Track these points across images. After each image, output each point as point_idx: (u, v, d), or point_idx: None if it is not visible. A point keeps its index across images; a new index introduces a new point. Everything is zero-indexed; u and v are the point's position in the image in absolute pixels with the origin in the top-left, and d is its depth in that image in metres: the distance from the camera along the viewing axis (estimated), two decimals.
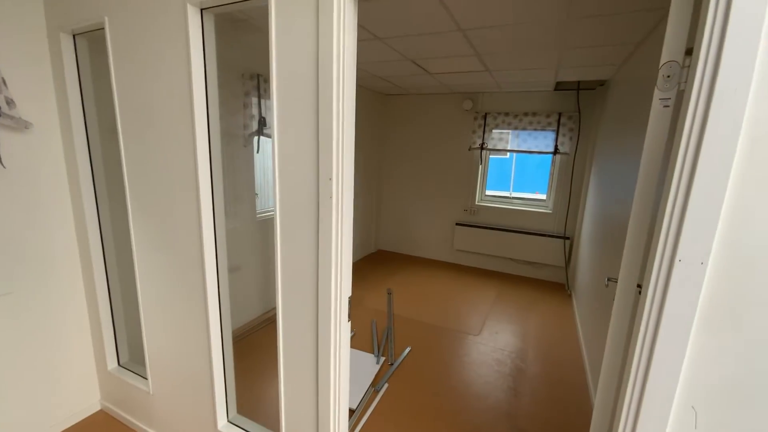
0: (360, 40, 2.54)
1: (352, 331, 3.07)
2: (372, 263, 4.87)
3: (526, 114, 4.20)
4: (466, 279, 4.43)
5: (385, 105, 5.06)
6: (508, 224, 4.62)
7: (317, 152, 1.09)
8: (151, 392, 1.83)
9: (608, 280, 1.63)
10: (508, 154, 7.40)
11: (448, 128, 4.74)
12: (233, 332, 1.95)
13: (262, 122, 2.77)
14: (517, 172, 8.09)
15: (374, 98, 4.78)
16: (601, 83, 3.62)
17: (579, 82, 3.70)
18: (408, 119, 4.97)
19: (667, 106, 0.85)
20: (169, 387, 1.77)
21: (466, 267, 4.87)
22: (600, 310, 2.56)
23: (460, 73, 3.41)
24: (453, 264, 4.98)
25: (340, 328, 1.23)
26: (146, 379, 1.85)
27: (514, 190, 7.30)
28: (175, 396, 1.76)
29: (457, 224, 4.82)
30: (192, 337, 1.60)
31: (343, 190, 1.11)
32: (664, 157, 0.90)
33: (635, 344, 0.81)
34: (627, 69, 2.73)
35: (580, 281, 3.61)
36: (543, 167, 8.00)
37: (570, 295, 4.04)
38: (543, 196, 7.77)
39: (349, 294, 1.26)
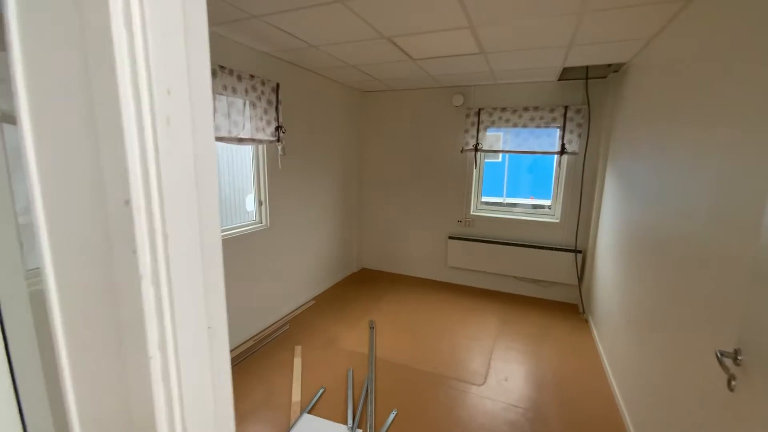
0: (320, 4, 1.89)
1: (321, 387, 2.37)
2: (353, 285, 4.18)
3: (526, 109, 3.61)
4: (463, 302, 3.77)
5: (363, 103, 4.43)
6: (508, 237, 4.00)
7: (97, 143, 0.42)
8: None
9: (721, 354, 0.99)
10: (501, 156, 6.78)
11: (436, 128, 4.12)
12: None
13: None
14: (511, 175, 7.50)
15: (350, 95, 4.14)
16: (616, 69, 3.05)
17: (587, 69, 3.12)
18: (390, 119, 4.34)
19: None
20: None
21: (463, 287, 4.22)
22: (638, 343, 1.92)
23: (449, 57, 2.79)
24: (447, 284, 4.32)
25: None
26: None
27: (507, 196, 6.72)
28: None
29: (450, 238, 4.18)
30: None
31: (168, 230, 0.44)
32: None
33: None
34: (657, 46, 2.15)
35: (601, 303, 2.99)
36: (539, 169, 7.44)
37: (587, 320, 3.41)
38: (544, 202, 7.22)
39: None
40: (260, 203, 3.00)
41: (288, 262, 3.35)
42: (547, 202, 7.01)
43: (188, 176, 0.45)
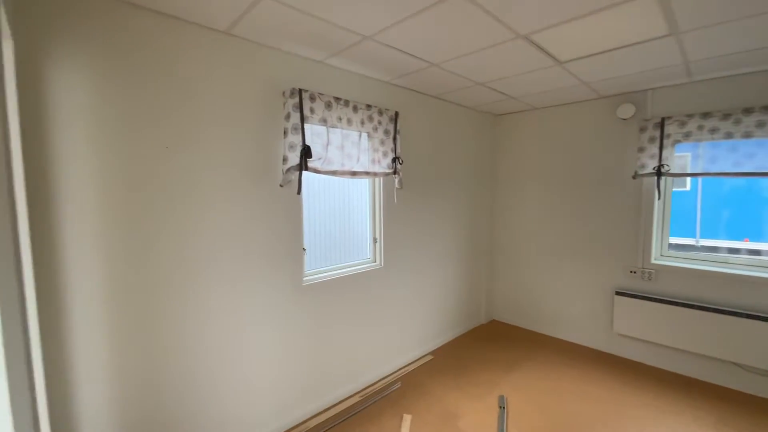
0: (430, 6, 1.57)
1: None
2: (480, 342, 3.48)
3: (748, 111, 2.42)
4: (636, 390, 2.61)
5: (495, 128, 3.89)
6: (719, 299, 2.67)
7: None
8: None
9: None
10: (689, 183, 5.27)
11: (595, 150, 3.22)
12: None
13: (307, 152, 2.01)
14: (705, 208, 5.53)
15: (479, 120, 3.68)
16: None
17: None
18: (530, 144, 3.65)
19: None
20: None
21: (637, 365, 3.00)
22: None
23: (616, 51, 2.05)
24: (611, 356, 3.16)
25: None
26: None
27: (701, 237, 4.88)
28: None
29: (617, 293, 3.08)
30: None
31: None
32: None
33: None
34: None
35: None
36: (753, 199, 5.26)
37: None
38: (766, 246, 4.95)
39: None
40: (375, 240, 2.76)
41: (403, 308, 2.98)
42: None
43: None
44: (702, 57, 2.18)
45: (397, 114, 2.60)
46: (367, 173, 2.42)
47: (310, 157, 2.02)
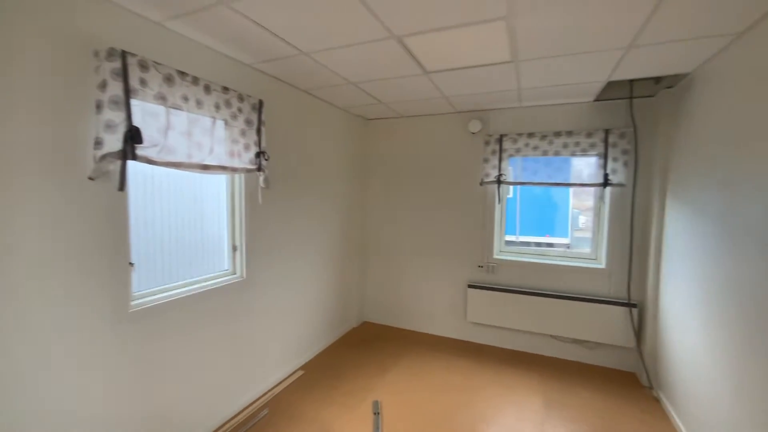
0: None
1: None
2: (353, 347, 3.41)
3: (558, 134, 3.06)
4: (493, 372, 2.99)
5: (366, 132, 3.93)
6: (541, 285, 3.29)
7: None
8: None
9: None
10: (511, 191, 6.33)
11: (451, 159, 3.57)
12: None
13: (133, 135, 1.51)
14: (522, 211, 6.85)
15: (351, 122, 3.64)
16: (670, 85, 2.52)
17: (632, 86, 2.61)
18: (398, 149, 3.81)
19: None
20: None
21: (489, 348, 3.44)
22: None
23: (471, 69, 2.27)
24: (467, 343, 3.54)
25: None
26: None
27: (520, 234, 6.03)
28: None
29: (470, 286, 3.48)
30: None
31: None
32: None
33: None
34: (742, 49, 1.59)
35: (683, 380, 2.22)
36: (552, 203, 6.80)
37: (658, 399, 2.61)
38: (561, 240, 6.48)
39: None
40: (234, 248, 2.36)
41: (271, 322, 2.64)
42: (564, 241, 6.31)
43: None
44: (529, 86, 2.62)
45: (261, 103, 2.28)
46: (224, 168, 2.03)
47: (140, 142, 1.53)
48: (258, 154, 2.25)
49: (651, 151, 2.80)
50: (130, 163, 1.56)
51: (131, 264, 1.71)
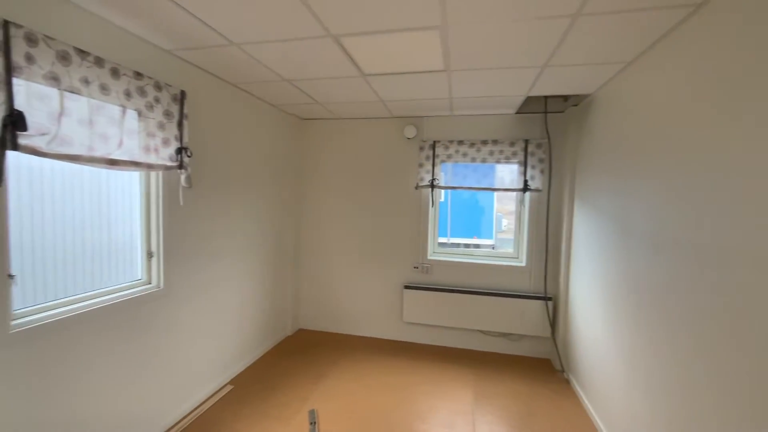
0: None
1: None
2: (288, 356, 3.27)
3: (485, 142, 3.29)
4: (423, 369, 3.08)
5: (302, 132, 3.82)
6: (470, 284, 3.50)
7: None
8: None
9: None
10: (443, 195, 6.61)
11: (387, 163, 3.63)
12: None
13: (15, 121, 1.26)
14: (459, 214, 7.31)
15: (285, 121, 3.51)
16: (575, 103, 2.88)
17: (546, 102, 2.92)
18: (334, 151, 3.76)
19: None
20: None
21: (422, 347, 3.55)
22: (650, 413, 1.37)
23: (407, 75, 2.34)
24: (403, 343, 3.61)
25: None
26: None
27: (451, 236, 6.39)
28: None
29: (406, 287, 3.56)
30: None
31: None
32: None
33: None
34: (634, 75, 1.91)
35: (586, 361, 2.53)
36: (479, 207, 7.33)
37: (568, 380, 2.93)
38: (486, 241, 6.99)
39: None
40: (150, 255, 2.10)
41: (195, 334, 2.41)
42: (489, 242, 6.83)
43: None
44: (460, 96, 2.78)
45: (183, 94, 2.08)
46: (137, 164, 1.80)
47: (24, 129, 1.29)
48: (179, 150, 2.05)
49: (562, 160, 3.15)
50: (11, 154, 1.30)
51: (11, 276, 1.42)
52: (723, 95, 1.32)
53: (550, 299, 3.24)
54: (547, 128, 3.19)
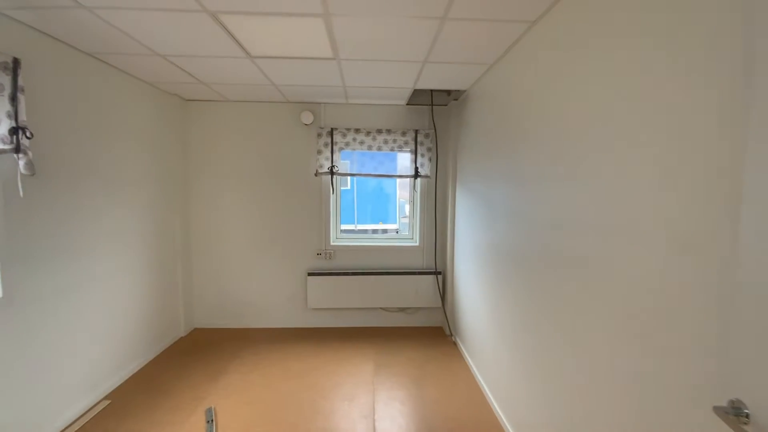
0: None
1: None
2: (182, 357, 3.02)
3: (380, 131, 3.47)
4: (331, 352, 3.18)
5: (186, 114, 3.47)
6: (372, 265, 3.70)
7: None
8: None
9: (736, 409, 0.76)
10: (350, 183, 6.74)
11: (285, 148, 3.55)
12: None
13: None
14: (359, 202, 7.57)
15: (164, 101, 3.14)
16: (456, 98, 3.23)
17: (432, 95, 3.22)
18: (224, 136, 3.52)
19: None
20: None
21: (327, 330, 3.64)
22: (513, 359, 1.77)
23: (299, 60, 2.32)
24: (308, 330, 3.66)
25: None
26: None
27: (358, 223, 6.62)
28: None
29: (309, 274, 3.58)
30: None
31: None
32: None
33: None
34: (491, 77, 2.27)
35: (466, 323, 2.95)
36: (384, 194, 7.71)
37: (455, 343, 3.36)
38: (391, 226, 7.39)
39: None
40: None
41: (52, 348, 2.06)
42: (394, 226, 7.27)
43: None
44: (353, 85, 2.88)
45: (17, 62, 1.71)
46: None
47: None
48: (14, 131, 1.70)
49: (446, 149, 3.52)
50: None
51: None
52: (561, 89, 1.66)
53: (440, 273, 3.63)
54: (434, 120, 3.51)
